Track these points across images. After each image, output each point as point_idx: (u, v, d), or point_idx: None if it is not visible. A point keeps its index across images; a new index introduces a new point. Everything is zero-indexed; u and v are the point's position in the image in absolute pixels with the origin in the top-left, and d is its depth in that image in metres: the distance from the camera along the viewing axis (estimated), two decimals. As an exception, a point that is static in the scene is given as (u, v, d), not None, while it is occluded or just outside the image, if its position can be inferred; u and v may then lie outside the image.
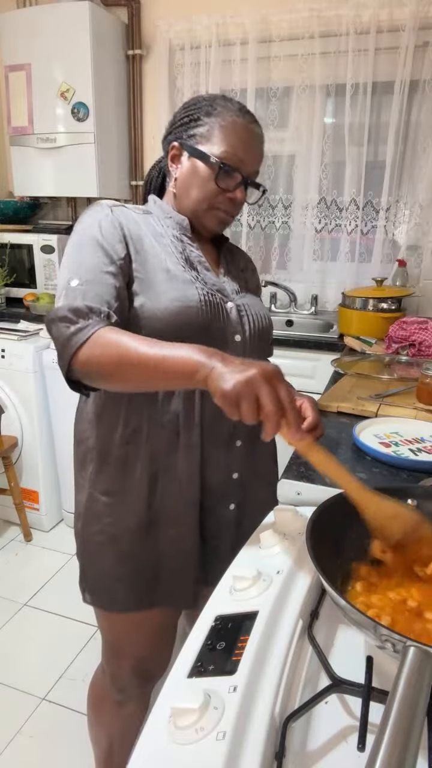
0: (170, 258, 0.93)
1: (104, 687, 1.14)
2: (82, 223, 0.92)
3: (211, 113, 0.95)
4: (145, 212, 0.99)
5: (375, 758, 0.37)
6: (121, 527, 0.97)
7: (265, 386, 0.64)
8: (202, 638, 0.56)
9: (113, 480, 0.97)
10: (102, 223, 0.89)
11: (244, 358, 0.90)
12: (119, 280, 0.87)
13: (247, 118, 0.96)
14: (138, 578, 0.99)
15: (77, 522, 1.04)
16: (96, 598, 1.03)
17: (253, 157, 0.97)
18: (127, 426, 0.95)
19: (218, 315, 0.94)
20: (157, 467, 0.95)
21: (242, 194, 0.97)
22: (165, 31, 2.45)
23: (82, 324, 0.79)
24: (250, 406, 0.63)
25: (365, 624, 0.48)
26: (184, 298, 0.90)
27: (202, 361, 0.69)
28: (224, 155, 0.93)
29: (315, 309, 2.54)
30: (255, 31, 2.29)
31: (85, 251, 0.87)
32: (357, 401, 1.28)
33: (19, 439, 2.37)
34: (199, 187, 0.96)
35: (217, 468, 0.98)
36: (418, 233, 2.30)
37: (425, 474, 0.95)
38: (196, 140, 0.96)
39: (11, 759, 1.46)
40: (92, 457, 0.99)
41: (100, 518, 0.98)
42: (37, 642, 1.84)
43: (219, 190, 0.95)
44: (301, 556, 0.68)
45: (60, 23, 2.31)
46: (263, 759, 0.43)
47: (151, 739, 0.46)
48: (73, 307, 0.80)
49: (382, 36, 2.14)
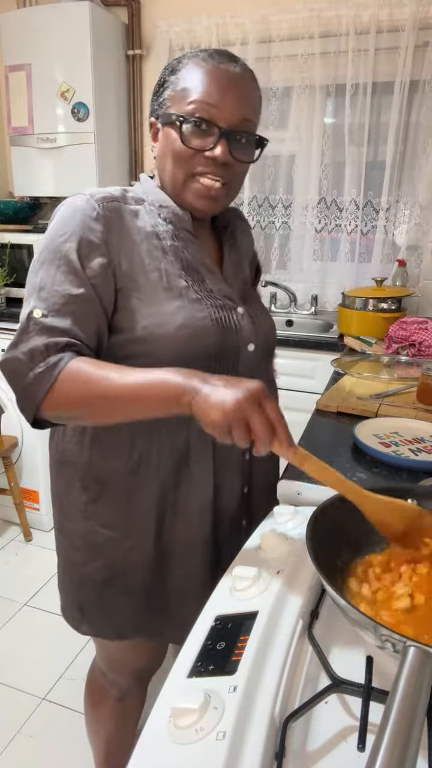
0: (171, 268, 0.82)
1: (102, 684, 1.14)
2: (57, 227, 0.78)
3: (176, 69, 0.80)
4: (137, 202, 0.85)
5: (375, 758, 0.37)
6: (129, 562, 0.88)
7: (255, 410, 0.62)
8: (202, 638, 0.56)
9: (115, 512, 0.87)
10: (79, 233, 0.76)
11: (251, 366, 0.89)
12: (93, 303, 0.76)
13: (219, 59, 0.78)
14: (146, 612, 0.91)
15: (72, 553, 0.92)
16: (97, 630, 0.96)
17: (233, 101, 0.77)
18: (132, 454, 0.85)
19: (230, 327, 0.84)
20: (166, 502, 0.86)
21: (224, 150, 0.78)
22: (165, 31, 2.45)
23: (42, 367, 0.71)
24: (242, 433, 0.63)
25: (365, 624, 0.48)
26: (193, 321, 0.80)
27: (181, 384, 0.66)
28: (192, 108, 0.77)
29: (315, 309, 2.53)
30: (255, 31, 2.29)
31: (53, 270, 0.76)
32: (357, 401, 1.27)
33: (19, 439, 2.37)
34: (171, 156, 0.81)
35: (231, 492, 0.91)
36: (418, 233, 2.30)
37: (425, 474, 0.95)
38: (164, 105, 0.81)
39: (11, 759, 1.46)
40: (86, 484, 0.88)
41: (102, 552, 0.89)
42: (37, 642, 1.84)
43: (192, 152, 0.78)
44: (301, 556, 0.68)
45: (60, 23, 2.31)
46: (263, 759, 0.43)
47: (151, 739, 0.46)
48: (30, 349, 0.72)
49: (382, 36, 2.14)
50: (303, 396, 2.02)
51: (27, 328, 0.74)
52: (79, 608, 0.95)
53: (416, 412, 1.22)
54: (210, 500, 0.88)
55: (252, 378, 0.89)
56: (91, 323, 0.77)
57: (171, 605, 0.91)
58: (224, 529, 0.91)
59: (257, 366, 0.91)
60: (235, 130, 0.79)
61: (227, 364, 0.85)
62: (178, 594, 0.90)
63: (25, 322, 0.75)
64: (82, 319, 0.76)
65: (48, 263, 0.77)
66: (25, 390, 0.73)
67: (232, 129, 0.78)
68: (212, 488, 0.87)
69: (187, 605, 0.88)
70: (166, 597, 0.91)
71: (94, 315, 0.77)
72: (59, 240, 0.77)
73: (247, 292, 0.96)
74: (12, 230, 2.63)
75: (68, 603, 0.97)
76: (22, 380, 0.73)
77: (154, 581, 0.90)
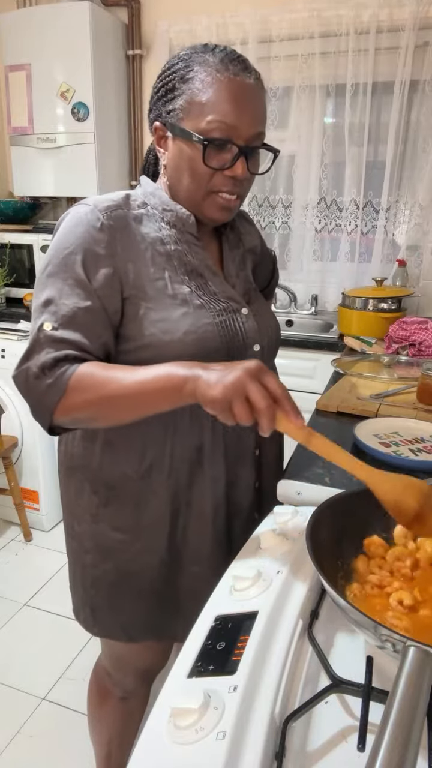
0: (174, 274, 0.83)
1: (106, 684, 1.14)
2: (62, 239, 0.79)
3: (186, 78, 0.77)
4: (140, 206, 0.85)
5: (375, 758, 0.37)
6: (141, 563, 0.89)
7: (253, 383, 0.63)
8: (202, 638, 0.56)
9: (126, 516, 0.88)
10: (84, 245, 0.78)
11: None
12: (100, 314, 0.78)
13: (233, 69, 0.76)
14: (157, 613, 0.92)
15: (83, 556, 0.93)
16: (108, 632, 0.96)
17: (250, 118, 0.78)
18: (144, 459, 0.86)
19: (236, 332, 0.85)
20: (179, 503, 0.87)
21: (243, 167, 0.79)
22: (165, 31, 2.45)
23: (52, 378, 0.73)
24: (242, 407, 0.63)
25: (365, 624, 0.48)
26: (198, 327, 0.81)
27: (184, 374, 0.68)
28: (210, 127, 0.76)
29: (315, 309, 2.54)
30: (255, 31, 2.29)
31: (61, 283, 0.77)
32: (357, 401, 1.27)
33: (19, 439, 2.37)
34: (189, 173, 0.81)
35: (246, 487, 0.92)
36: (418, 233, 2.30)
37: (425, 474, 0.95)
38: (176, 116, 0.79)
39: (11, 759, 1.46)
40: (96, 488, 0.89)
41: (113, 554, 0.90)
42: (37, 642, 1.84)
43: (212, 171, 0.79)
44: (301, 556, 0.68)
45: (60, 23, 2.31)
46: (263, 759, 0.43)
47: (151, 739, 0.46)
48: (42, 362, 0.74)
49: (382, 36, 2.14)
50: (303, 396, 2.02)
51: (38, 341, 0.76)
52: (90, 610, 0.96)
53: (416, 412, 1.22)
54: (223, 497, 0.89)
55: None
56: (99, 334, 0.79)
57: (183, 605, 0.92)
58: (239, 523, 0.93)
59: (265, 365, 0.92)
60: (252, 145, 0.81)
61: None
62: (190, 593, 0.91)
63: (35, 334, 0.77)
64: (90, 331, 0.78)
65: (55, 276, 0.78)
66: (38, 401, 0.75)
67: (249, 145, 0.80)
68: (225, 485, 0.88)
69: (201, 604, 0.89)
70: (178, 597, 0.92)
71: (101, 326, 0.79)
72: (65, 252, 0.78)
73: (250, 291, 0.96)
74: (12, 230, 2.63)
75: (80, 605, 0.98)
76: (34, 392, 0.75)
77: (166, 582, 0.91)
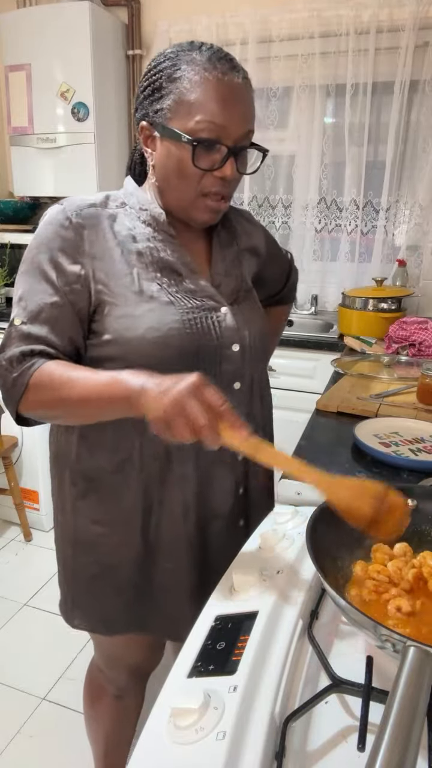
0: (144, 271, 0.83)
1: (100, 682, 1.14)
2: (34, 239, 0.83)
3: (174, 77, 0.76)
4: (120, 205, 0.86)
5: (375, 758, 0.37)
6: (119, 557, 0.91)
7: (191, 400, 0.61)
8: (202, 638, 0.56)
9: (103, 509, 0.90)
10: (51, 244, 0.80)
11: (241, 367, 0.89)
12: (67, 310, 0.80)
13: (221, 68, 0.75)
14: (136, 606, 0.93)
15: (66, 547, 0.95)
16: (88, 624, 0.98)
17: (239, 118, 0.77)
18: (116, 453, 0.87)
19: (208, 330, 0.84)
20: (152, 500, 0.88)
21: (232, 168, 0.79)
22: (165, 31, 2.45)
23: (17, 371, 0.77)
24: (182, 426, 0.61)
25: (365, 624, 0.48)
26: (162, 325, 0.80)
27: (130, 387, 0.68)
28: (199, 127, 0.75)
29: (315, 309, 2.54)
30: (255, 31, 2.29)
31: (31, 280, 0.81)
32: (357, 401, 1.28)
33: (19, 439, 2.37)
34: (178, 174, 0.80)
35: (222, 491, 0.91)
36: (418, 233, 2.30)
37: (425, 474, 0.95)
38: (164, 116, 0.78)
39: (11, 759, 1.46)
40: (75, 480, 0.91)
41: (94, 548, 0.91)
42: (37, 642, 1.84)
43: (202, 172, 0.78)
44: (301, 556, 0.68)
45: (60, 23, 2.31)
46: (263, 759, 0.43)
47: (150, 739, 0.46)
48: (10, 355, 0.78)
49: (382, 36, 2.14)
50: (303, 396, 2.02)
51: (10, 335, 0.80)
52: (72, 602, 0.97)
53: (416, 412, 1.22)
54: (193, 499, 0.88)
55: (242, 378, 0.90)
56: (66, 330, 0.81)
57: (159, 600, 0.93)
58: (217, 527, 0.92)
59: (246, 366, 0.90)
60: (241, 145, 0.80)
61: (208, 365, 0.84)
62: (165, 589, 0.92)
63: (8, 329, 0.81)
64: (57, 326, 0.80)
65: (25, 274, 0.82)
66: (6, 392, 0.80)
67: (238, 145, 0.79)
68: (196, 485, 0.88)
69: (175, 601, 0.91)
70: (153, 592, 0.93)
71: (68, 322, 0.81)
72: (34, 251, 0.82)
73: (240, 291, 0.94)
74: (12, 230, 2.63)
75: (63, 597, 1.00)
76: (4, 383, 0.79)
77: (142, 576, 0.92)
